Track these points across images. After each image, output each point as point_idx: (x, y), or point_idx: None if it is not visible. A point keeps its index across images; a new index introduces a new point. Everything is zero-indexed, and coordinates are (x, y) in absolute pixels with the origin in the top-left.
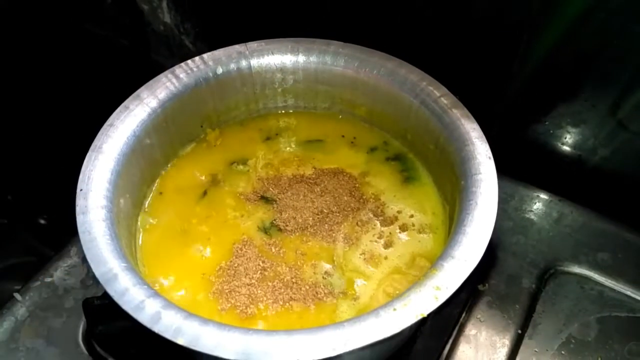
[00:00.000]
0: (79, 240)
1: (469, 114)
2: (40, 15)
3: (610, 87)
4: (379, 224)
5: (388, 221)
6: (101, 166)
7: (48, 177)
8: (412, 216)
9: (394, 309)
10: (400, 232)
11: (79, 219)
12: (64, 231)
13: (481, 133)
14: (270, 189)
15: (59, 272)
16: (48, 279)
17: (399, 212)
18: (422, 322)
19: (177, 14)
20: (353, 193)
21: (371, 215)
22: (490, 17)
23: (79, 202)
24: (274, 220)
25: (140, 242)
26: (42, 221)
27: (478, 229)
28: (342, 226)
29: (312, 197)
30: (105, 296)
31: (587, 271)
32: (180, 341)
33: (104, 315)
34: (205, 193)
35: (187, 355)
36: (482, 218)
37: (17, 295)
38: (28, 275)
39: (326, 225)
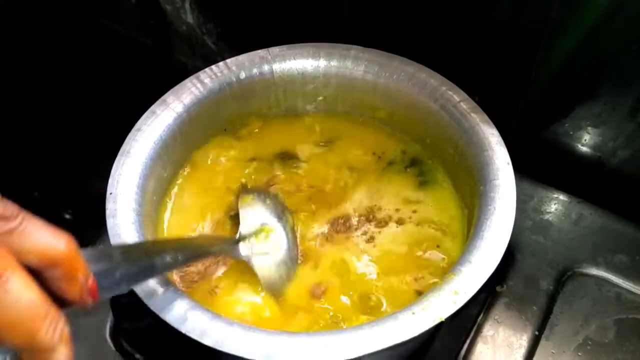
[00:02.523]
0: (105, 238)
1: (488, 119)
2: (66, 15)
3: (630, 90)
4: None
5: (401, 222)
6: (129, 170)
7: (72, 172)
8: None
9: (413, 313)
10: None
11: (109, 222)
12: (89, 225)
13: (500, 139)
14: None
15: None
16: None
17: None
18: (440, 324)
19: (199, 14)
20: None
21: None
22: (509, 22)
23: (109, 206)
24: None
25: None
26: (67, 216)
27: (496, 234)
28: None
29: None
30: (132, 294)
31: (605, 273)
32: (207, 341)
33: (131, 313)
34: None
35: (211, 353)
36: (500, 224)
37: None
38: None
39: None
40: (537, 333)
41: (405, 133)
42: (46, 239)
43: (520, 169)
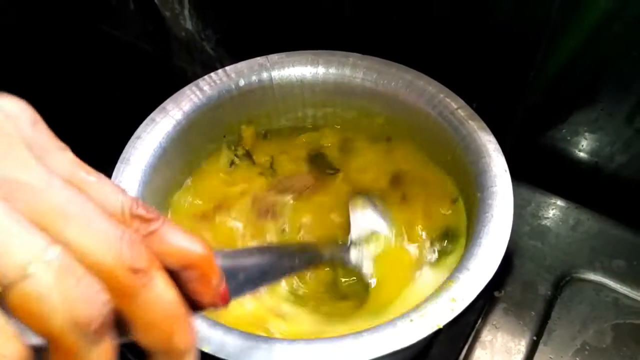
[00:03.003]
0: None
1: (486, 127)
2: (66, 21)
3: (628, 95)
4: None
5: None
6: (129, 178)
7: None
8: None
9: (411, 320)
10: None
11: None
12: None
13: (497, 146)
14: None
15: None
16: None
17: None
18: (438, 331)
19: (198, 20)
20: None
21: None
22: (508, 26)
23: None
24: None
25: None
26: None
27: (493, 241)
28: None
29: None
30: None
31: (603, 278)
32: (206, 349)
33: None
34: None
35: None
36: (498, 231)
37: None
38: None
39: None
40: (535, 338)
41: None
42: (185, 242)
43: (518, 174)
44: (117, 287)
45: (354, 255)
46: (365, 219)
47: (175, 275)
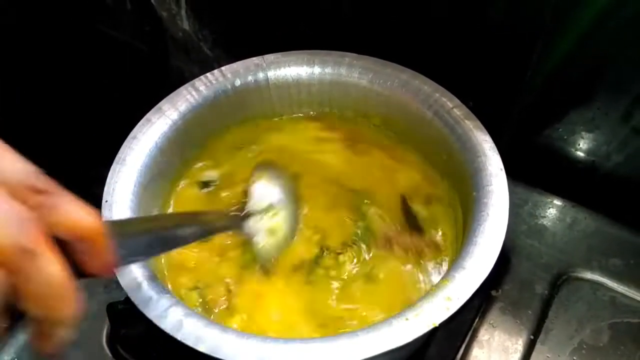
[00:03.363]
0: None
1: (481, 126)
2: (64, 21)
3: (624, 94)
4: None
5: None
6: (125, 178)
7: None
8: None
9: (406, 319)
10: None
11: None
12: None
13: (493, 145)
14: None
15: None
16: None
17: None
18: (434, 330)
19: (195, 21)
20: None
21: None
22: (504, 26)
23: (105, 213)
24: None
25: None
26: None
27: (489, 240)
28: None
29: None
30: (128, 301)
31: (600, 277)
32: (202, 348)
33: (127, 319)
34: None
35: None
36: (493, 230)
37: None
38: None
39: None
40: (532, 337)
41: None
42: (77, 214)
43: (515, 173)
44: (7, 264)
45: (250, 224)
46: (266, 191)
47: (66, 245)
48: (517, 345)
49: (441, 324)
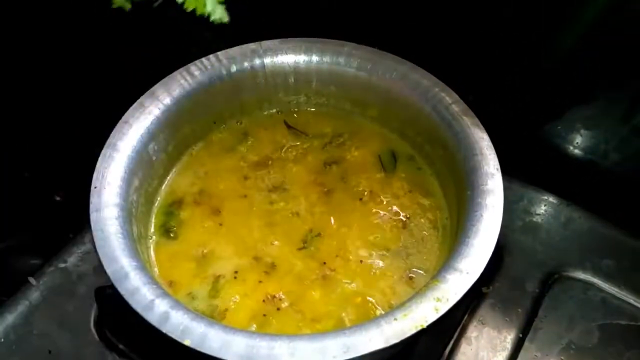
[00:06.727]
0: None
1: (479, 123)
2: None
3: (623, 94)
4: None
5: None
6: (115, 164)
7: (65, 155)
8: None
9: (395, 319)
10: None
11: (93, 216)
12: (80, 209)
13: (490, 143)
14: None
15: (73, 259)
16: (62, 265)
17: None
18: (422, 330)
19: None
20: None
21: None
22: (506, 21)
23: (93, 200)
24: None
25: (153, 242)
26: (58, 198)
27: (481, 242)
28: None
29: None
30: None
31: (592, 277)
32: (187, 342)
33: (116, 304)
34: None
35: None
36: (486, 231)
37: (31, 280)
38: (42, 253)
39: None
40: (521, 335)
41: (395, 131)
42: None
43: (512, 169)
44: None
45: None
46: None
47: None
48: (506, 343)
49: (429, 325)
